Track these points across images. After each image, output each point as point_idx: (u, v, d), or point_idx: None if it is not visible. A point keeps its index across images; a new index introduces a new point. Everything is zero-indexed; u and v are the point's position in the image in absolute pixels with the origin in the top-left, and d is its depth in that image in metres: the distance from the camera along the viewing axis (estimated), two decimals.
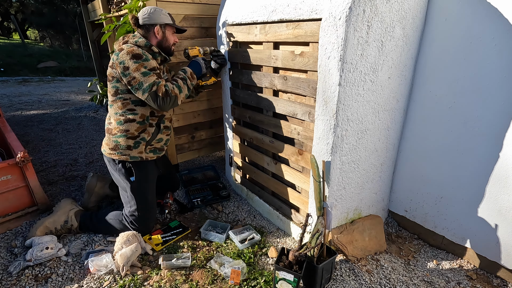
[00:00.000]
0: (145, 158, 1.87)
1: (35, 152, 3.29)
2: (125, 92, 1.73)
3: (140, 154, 1.84)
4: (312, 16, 1.45)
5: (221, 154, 3.29)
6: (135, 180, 1.85)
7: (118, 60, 1.64)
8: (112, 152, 1.81)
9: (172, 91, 1.70)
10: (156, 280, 1.61)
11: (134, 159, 1.83)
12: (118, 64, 1.64)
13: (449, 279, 1.66)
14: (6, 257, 1.77)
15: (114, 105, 1.77)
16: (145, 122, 1.81)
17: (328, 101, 1.48)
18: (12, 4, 15.22)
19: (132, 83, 1.64)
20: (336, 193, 1.67)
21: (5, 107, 5.15)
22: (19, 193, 2.07)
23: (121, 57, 1.64)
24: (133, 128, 1.78)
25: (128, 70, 1.62)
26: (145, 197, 1.89)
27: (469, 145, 1.64)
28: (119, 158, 1.81)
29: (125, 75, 1.64)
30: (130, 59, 1.62)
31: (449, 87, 1.65)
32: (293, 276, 1.43)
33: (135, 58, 1.63)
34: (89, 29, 4.57)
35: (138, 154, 1.83)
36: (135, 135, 1.80)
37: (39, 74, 9.62)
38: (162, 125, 1.91)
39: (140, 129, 1.80)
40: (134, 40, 1.74)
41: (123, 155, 1.80)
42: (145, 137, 1.83)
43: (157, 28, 1.77)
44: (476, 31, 1.49)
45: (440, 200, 1.83)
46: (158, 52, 1.79)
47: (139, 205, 1.85)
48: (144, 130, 1.82)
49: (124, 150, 1.80)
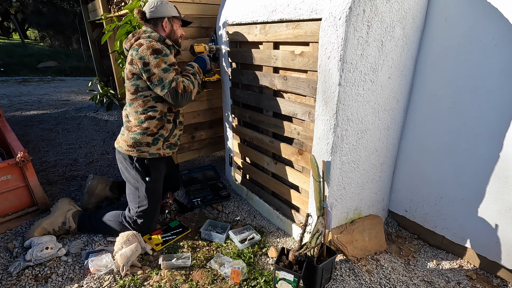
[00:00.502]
0: (163, 154, 1.87)
1: (35, 152, 3.29)
2: (145, 89, 1.72)
3: (158, 150, 1.83)
4: (312, 16, 1.45)
5: (221, 154, 3.29)
6: (151, 180, 1.84)
7: (138, 55, 1.62)
8: (130, 149, 1.78)
9: (188, 87, 1.72)
10: (156, 280, 1.61)
11: (153, 156, 1.82)
12: (138, 60, 1.63)
13: (449, 279, 1.66)
14: (6, 257, 1.77)
15: (134, 103, 1.75)
16: (163, 119, 1.80)
17: (328, 101, 1.48)
18: (12, 4, 15.22)
19: (152, 79, 1.64)
20: (336, 193, 1.67)
21: (5, 107, 5.15)
22: (19, 193, 2.07)
23: (141, 52, 1.61)
24: (153, 125, 1.77)
25: (149, 65, 1.62)
26: (158, 197, 1.91)
27: (469, 145, 1.64)
28: (138, 155, 1.79)
29: (145, 70, 1.63)
30: (151, 54, 1.61)
31: (449, 87, 1.65)
32: (293, 276, 1.43)
33: (155, 53, 1.61)
34: (89, 29, 4.57)
35: (156, 151, 1.82)
36: (154, 132, 1.79)
37: (39, 74, 9.62)
38: (177, 120, 1.91)
39: (159, 125, 1.79)
40: (146, 35, 1.71)
41: (142, 152, 1.79)
42: (163, 133, 1.82)
43: (165, 21, 1.76)
44: (476, 31, 1.49)
45: (440, 200, 1.83)
46: (172, 45, 1.79)
47: (150, 205, 1.84)
48: (162, 127, 1.81)
49: (143, 147, 1.78)
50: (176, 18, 1.82)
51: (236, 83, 2.22)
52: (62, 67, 10.69)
